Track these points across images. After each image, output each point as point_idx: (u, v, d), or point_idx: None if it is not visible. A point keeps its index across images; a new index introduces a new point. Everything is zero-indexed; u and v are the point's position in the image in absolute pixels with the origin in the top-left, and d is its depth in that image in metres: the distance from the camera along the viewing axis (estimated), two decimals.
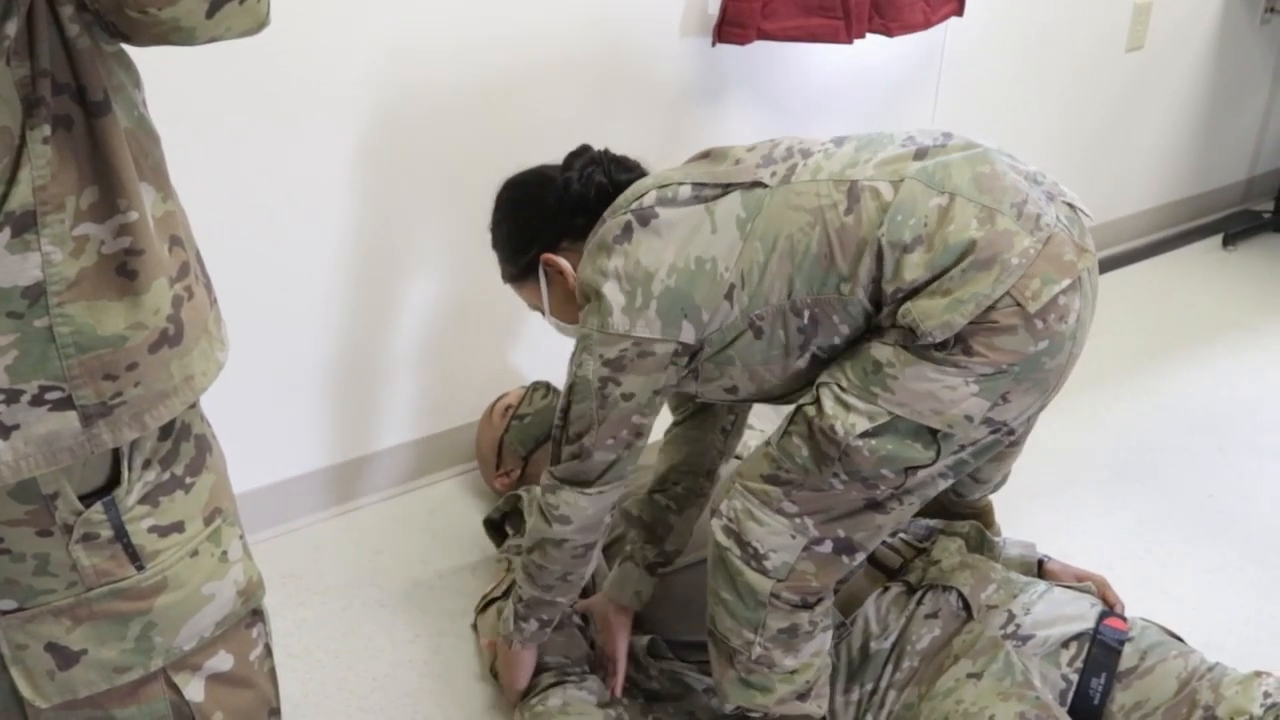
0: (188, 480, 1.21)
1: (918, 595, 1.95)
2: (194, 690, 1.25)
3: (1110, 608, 1.96)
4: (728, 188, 1.67)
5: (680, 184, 1.68)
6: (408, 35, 2.26)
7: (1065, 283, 1.54)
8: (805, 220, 1.61)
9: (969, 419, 1.58)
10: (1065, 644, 1.85)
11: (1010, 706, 1.70)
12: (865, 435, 1.58)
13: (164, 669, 1.22)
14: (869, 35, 2.72)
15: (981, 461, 1.74)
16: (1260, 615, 2.24)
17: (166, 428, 1.18)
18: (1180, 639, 1.89)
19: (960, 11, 2.89)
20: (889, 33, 2.75)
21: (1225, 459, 2.73)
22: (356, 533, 2.52)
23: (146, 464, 1.16)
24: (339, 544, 2.48)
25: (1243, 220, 4.08)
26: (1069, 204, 1.64)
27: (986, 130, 3.23)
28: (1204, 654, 1.85)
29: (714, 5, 2.58)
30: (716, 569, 1.72)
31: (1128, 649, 1.84)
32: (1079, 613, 1.89)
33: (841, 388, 1.61)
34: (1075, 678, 1.82)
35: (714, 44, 2.59)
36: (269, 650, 1.36)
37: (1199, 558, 2.40)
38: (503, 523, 2.39)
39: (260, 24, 1.07)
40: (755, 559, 1.67)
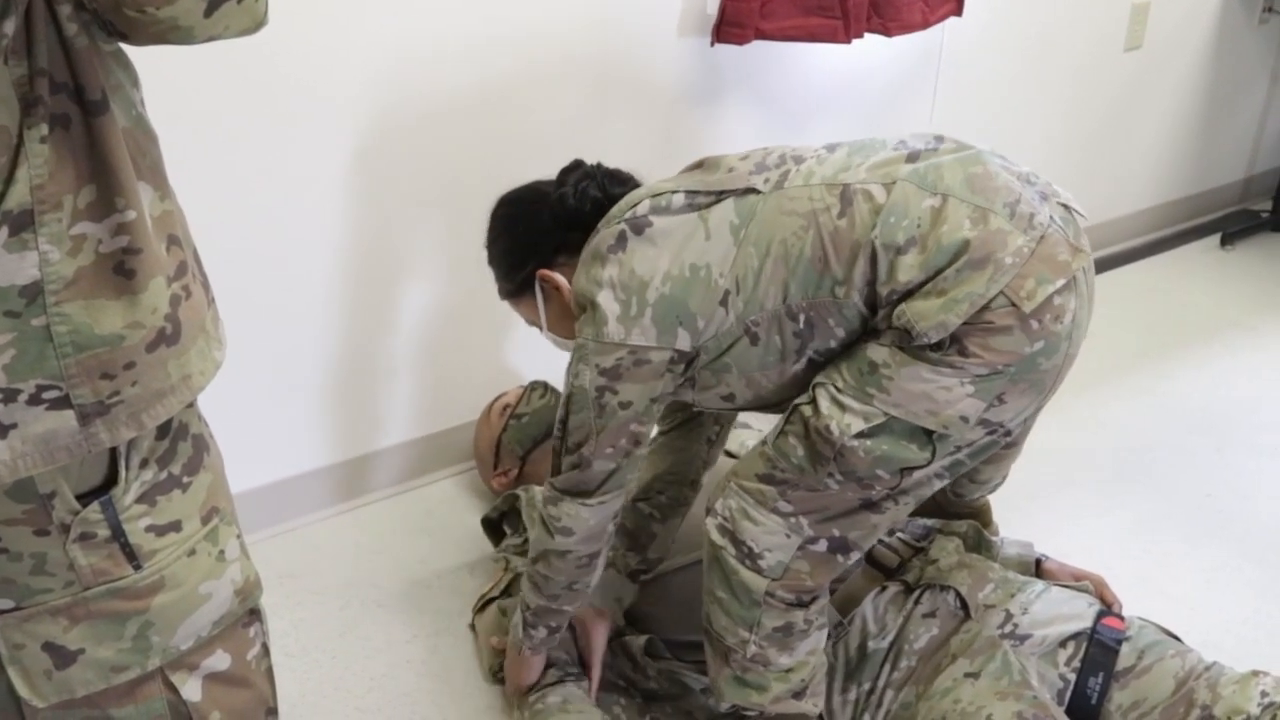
0: (185, 479, 1.21)
1: (915, 595, 1.95)
2: (191, 690, 1.25)
3: (1108, 607, 1.96)
4: (721, 195, 1.67)
5: (674, 192, 1.68)
6: (406, 36, 2.26)
7: (1060, 282, 1.54)
8: (799, 224, 1.61)
9: (964, 420, 1.58)
10: (1063, 643, 1.85)
11: (1008, 706, 1.70)
12: (860, 436, 1.58)
13: (161, 668, 1.22)
14: (867, 35, 2.72)
15: (978, 462, 1.74)
16: (1258, 615, 2.24)
17: (164, 427, 1.18)
18: (1178, 638, 1.89)
19: (959, 11, 2.89)
20: (887, 32, 2.75)
21: (1223, 458, 2.73)
22: (354, 532, 2.52)
23: (144, 463, 1.16)
24: (337, 544, 2.48)
25: (1241, 220, 4.08)
26: (1063, 204, 1.64)
27: (985, 130, 3.25)
28: (1201, 653, 1.85)
29: (713, 5, 2.57)
30: (711, 568, 1.72)
31: (1125, 648, 1.84)
32: (1076, 612, 1.89)
33: (837, 388, 1.60)
34: (1073, 677, 1.82)
35: (713, 44, 2.59)
36: (266, 650, 1.35)
37: (1197, 557, 2.40)
38: (500, 522, 2.39)
39: (258, 23, 1.07)
40: (750, 558, 1.67)
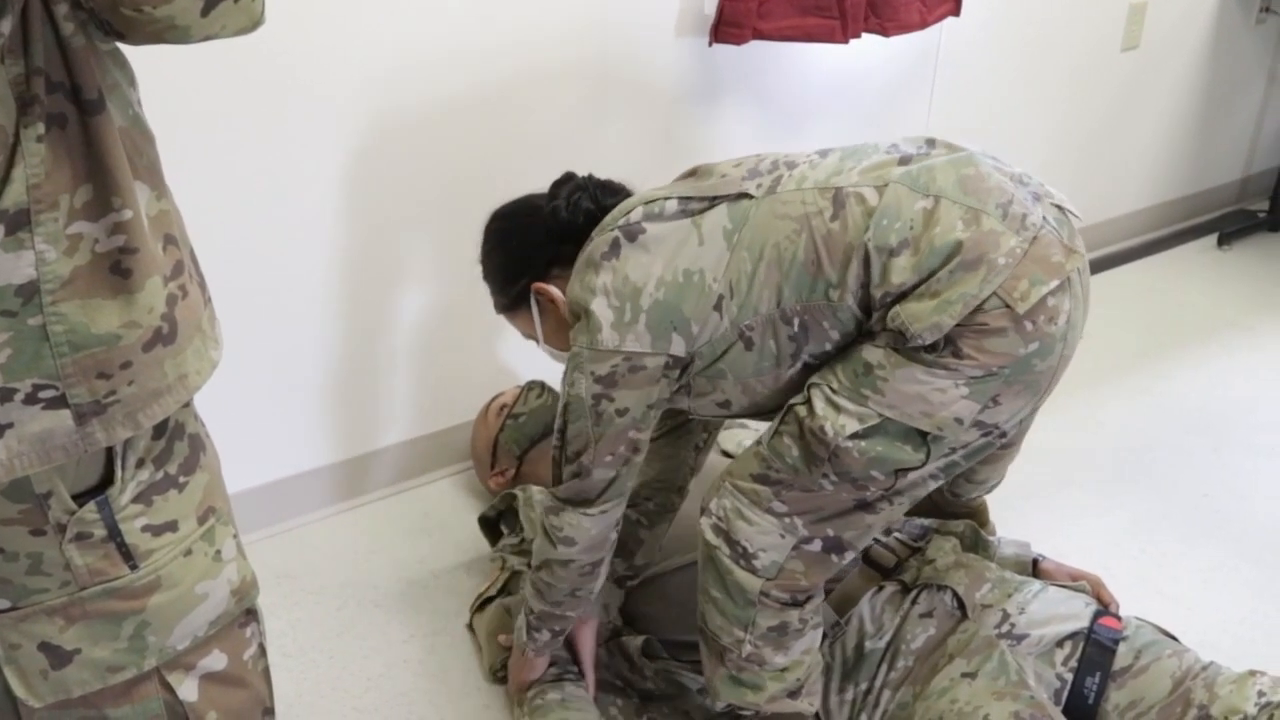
0: (181, 479, 1.21)
1: (913, 594, 1.95)
2: (187, 690, 1.25)
3: (1105, 607, 1.96)
4: (714, 200, 1.67)
5: (666, 199, 1.69)
6: (405, 36, 2.26)
7: (1054, 283, 1.54)
8: (791, 228, 1.61)
9: (959, 421, 1.58)
10: (1060, 643, 1.85)
11: (1005, 706, 1.70)
12: (855, 437, 1.58)
13: (157, 668, 1.22)
14: (865, 35, 2.72)
15: (973, 463, 1.75)
16: (1255, 614, 2.25)
17: (160, 427, 1.17)
18: (1175, 638, 1.89)
19: (957, 11, 2.89)
20: (885, 32, 2.75)
21: (1220, 458, 2.73)
22: (351, 532, 2.52)
23: (140, 463, 1.16)
24: (334, 544, 2.48)
25: (1238, 220, 4.08)
26: (1057, 205, 1.64)
27: (982, 130, 3.26)
28: (1198, 653, 1.85)
29: (710, 5, 2.58)
30: (706, 567, 1.72)
31: (1122, 648, 1.84)
32: (1073, 612, 1.89)
33: (832, 389, 1.61)
34: (1070, 677, 1.82)
35: (711, 44, 2.59)
36: (263, 650, 1.35)
37: (1194, 557, 2.40)
38: (498, 521, 2.39)
39: (255, 23, 1.07)
40: (744, 558, 1.67)
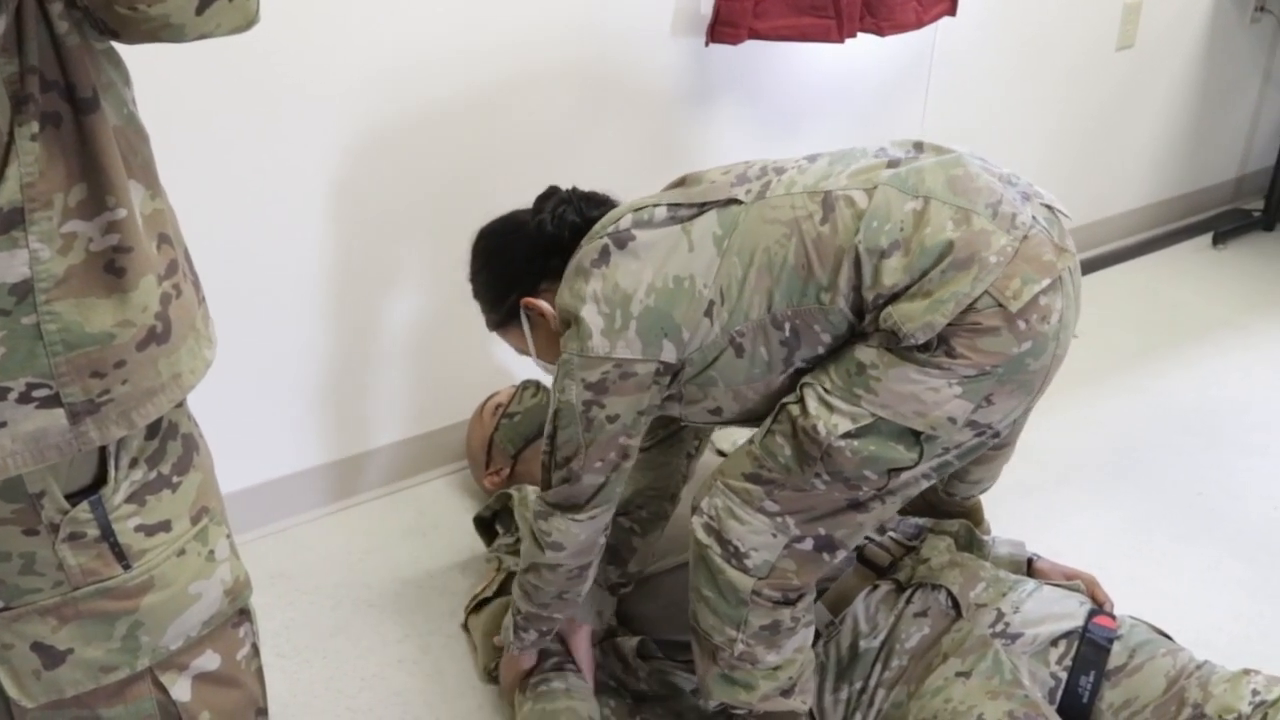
0: (175, 479, 1.20)
1: (907, 594, 1.95)
2: (181, 690, 1.25)
3: (1099, 606, 1.96)
4: (703, 207, 1.67)
5: (655, 206, 1.68)
6: (401, 36, 2.26)
7: (1045, 282, 1.55)
8: (781, 233, 1.61)
9: (952, 421, 1.58)
10: (1054, 642, 1.85)
11: (999, 705, 1.70)
12: (848, 436, 1.58)
13: (151, 668, 1.22)
14: (861, 35, 2.72)
15: (966, 463, 1.75)
16: (1249, 613, 2.25)
17: (154, 426, 1.17)
18: (1169, 637, 1.89)
19: (953, 11, 2.89)
20: (880, 32, 2.75)
21: (1214, 457, 2.74)
22: (346, 532, 2.51)
23: (133, 463, 1.16)
24: (328, 543, 2.48)
25: (1233, 219, 4.09)
26: (1046, 205, 1.64)
27: (977, 129, 3.26)
28: (1193, 652, 1.85)
29: (706, 5, 2.57)
30: (697, 566, 1.72)
31: (1116, 647, 1.84)
32: (1068, 611, 1.89)
33: (825, 389, 1.60)
34: (1064, 676, 1.82)
35: (708, 44, 2.59)
36: (256, 650, 1.35)
37: (1188, 556, 2.41)
38: (493, 521, 2.38)
39: (250, 22, 1.07)
40: (736, 557, 1.67)
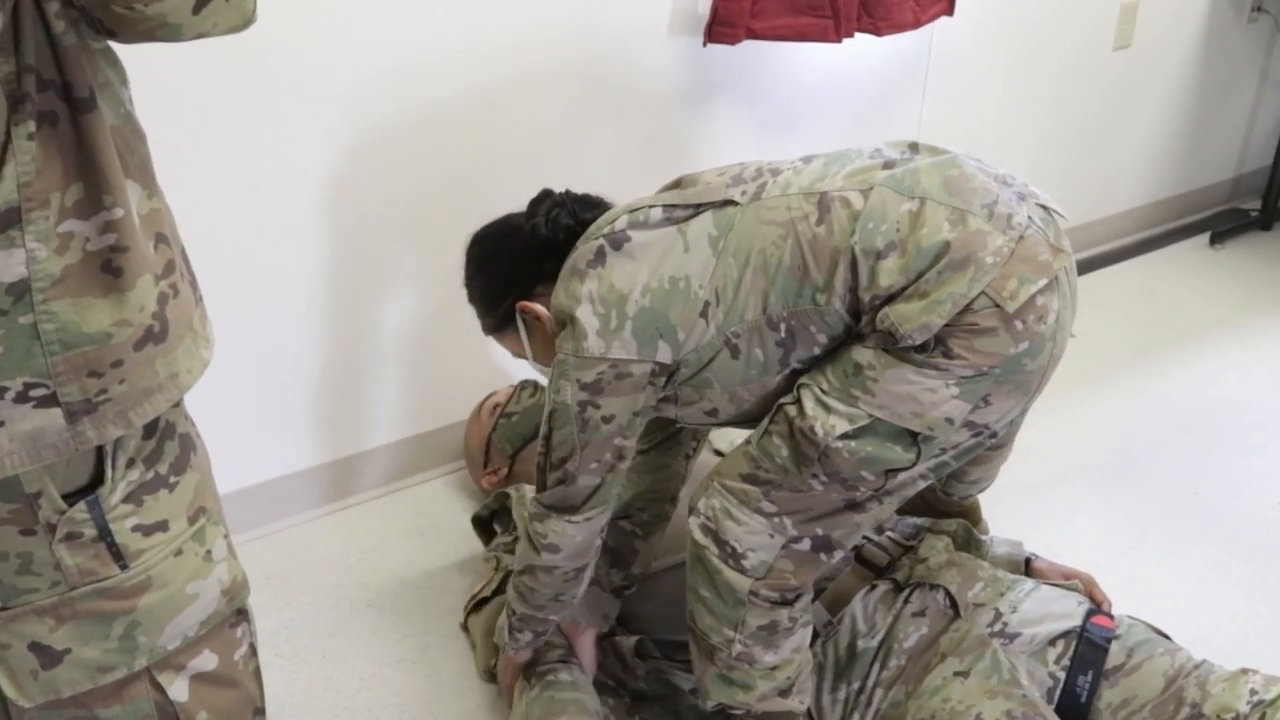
0: (172, 479, 1.20)
1: (905, 593, 1.95)
2: (178, 690, 1.24)
3: (1097, 605, 1.96)
4: (699, 208, 1.67)
5: (651, 207, 1.68)
6: (399, 35, 2.25)
7: (1042, 282, 1.54)
8: (777, 234, 1.61)
9: (950, 421, 1.58)
10: (1052, 642, 1.85)
11: (997, 705, 1.70)
12: (845, 437, 1.58)
13: (148, 668, 1.22)
14: (858, 35, 2.72)
15: (963, 463, 1.75)
16: (1247, 612, 2.25)
17: (150, 426, 1.17)
18: (1167, 636, 1.89)
19: (951, 11, 2.89)
20: (878, 32, 2.75)
21: (1212, 457, 2.74)
22: (344, 532, 2.51)
23: (130, 463, 1.16)
24: (326, 544, 2.48)
25: (1230, 218, 4.09)
26: (1042, 205, 1.64)
27: (975, 129, 3.26)
28: (1191, 651, 1.85)
29: (704, 5, 2.58)
30: (694, 567, 1.72)
31: (1114, 647, 1.84)
32: (1066, 610, 1.89)
33: (822, 389, 1.60)
34: (1062, 675, 1.82)
35: (705, 44, 2.59)
36: (254, 650, 1.35)
37: (1186, 555, 2.41)
38: (491, 520, 2.38)
39: (247, 21, 1.07)
40: (733, 558, 1.67)
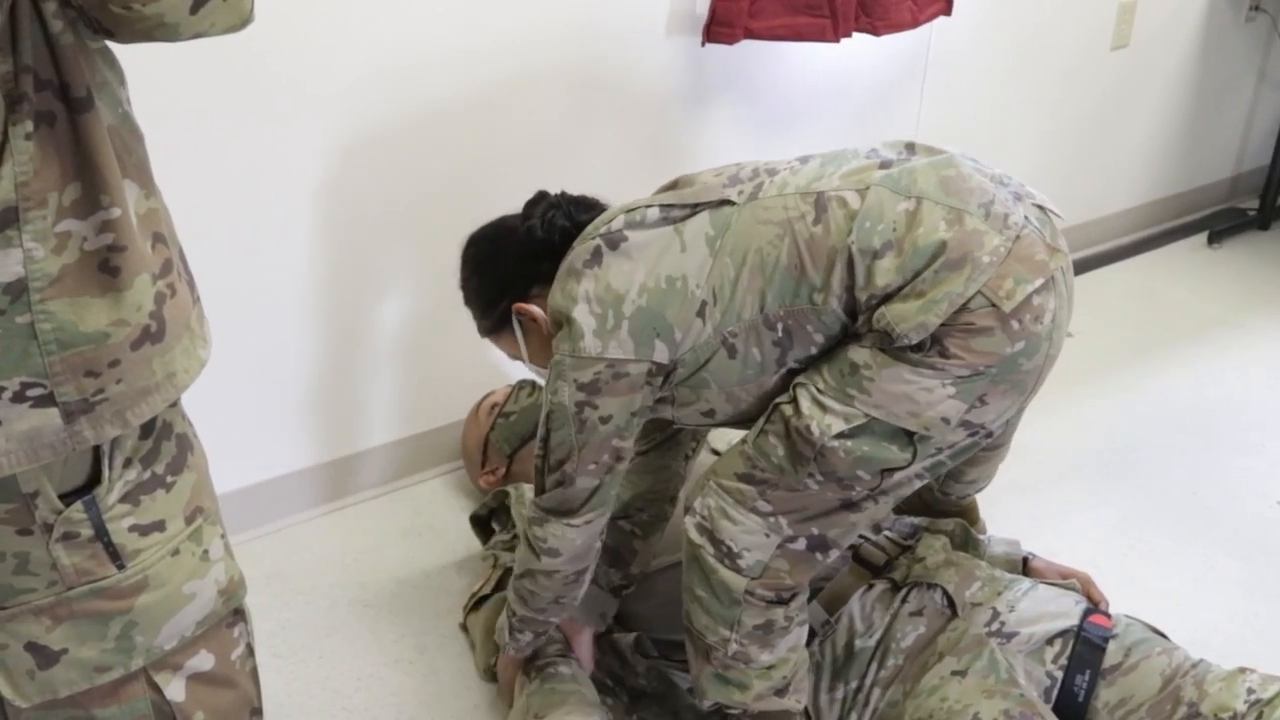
0: (169, 479, 1.20)
1: (902, 593, 1.95)
2: (175, 690, 1.24)
3: (1095, 605, 1.96)
4: (696, 208, 1.67)
5: (648, 207, 1.68)
6: (397, 35, 2.25)
7: (1038, 282, 1.55)
8: (774, 233, 1.61)
9: (946, 421, 1.58)
10: (1050, 641, 1.85)
11: (994, 704, 1.70)
12: (841, 436, 1.58)
13: (145, 668, 1.22)
14: (856, 34, 2.72)
15: (959, 463, 1.75)
16: (1244, 612, 2.25)
17: (148, 426, 1.17)
18: (1164, 636, 1.90)
19: (948, 11, 2.89)
20: (876, 32, 2.75)
21: (1210, 456, 2.74)
22: (342, 532, 2.51)
23: (127, 463, 1.16)
24: (324, 544, 2.47)
25: (1228, 218, 4.09)
26: (1038, 205, 1.64)
27: (972, 129, 3.26)
28: (1188, 651, 1.85)
29: (702, 6, 2.58)
30: (690, 566, 1.72)
31: (1112, 646, 1.84)
32: (1063, 610, 1.89)
33: (819, 389, 1.60)
34: (1060, 675, 1.82)
35: (703, 44, 2.59)
36: (251, 650, 1.35)
37: (1184, 555, 2.41)
38: (489, 519, 2.38)
39: (244, 21, 1.06)
40: (729, 557, 1.67)
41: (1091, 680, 1.81)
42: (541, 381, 1.84)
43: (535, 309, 1.79)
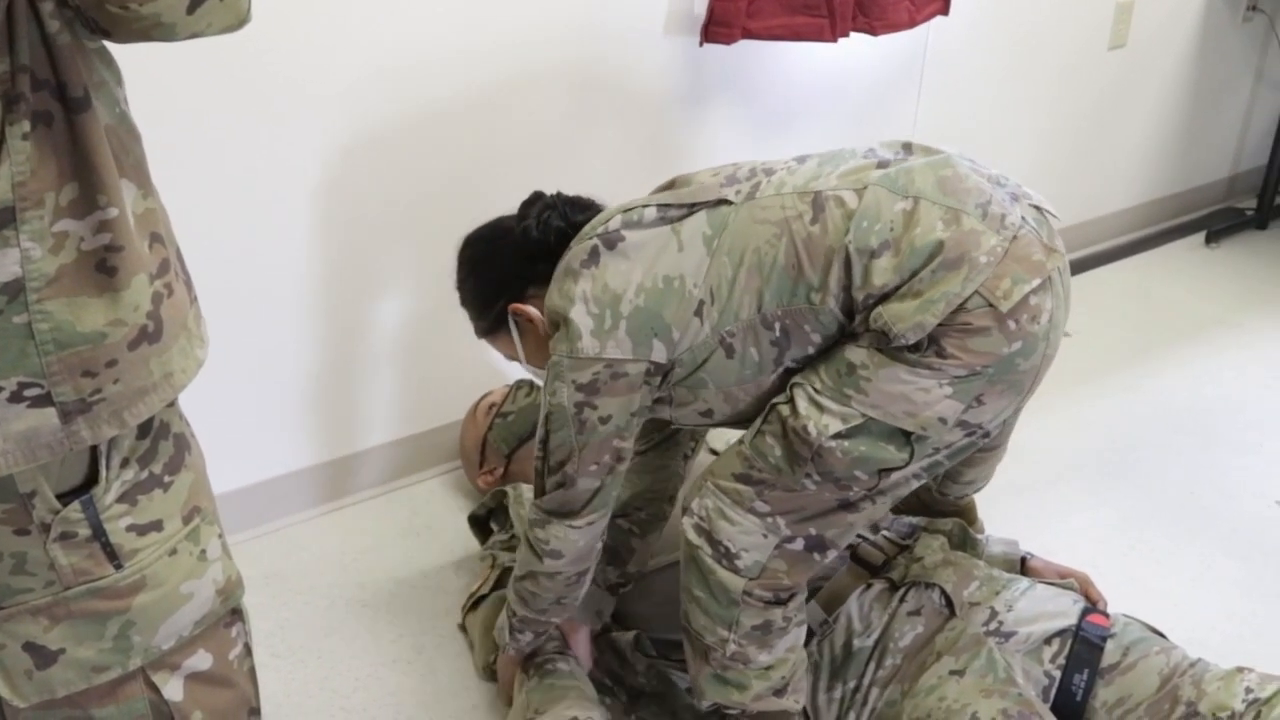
0: (166, 479, 1.20)
1: (900, 592, 1.95)
2: (173, 689, 1.24)
3: (1093, 604, 1.96)
4: (693, 207, 1.67)
5: (645, 206, 1.68)
6: (393, 36, 2.25)
7: (1035, 282, 1.55)
8: (771, 233, 1.61)
9: (943, 421, 1.58)
10: (1048, 640, 1.85)
11: (992, 703, 1.70)
12: (838, 436, 1.58)
13: (143, 668, 1.22)
14: (853, 34, 2.72)
15: (956, 463, 1.75)
16: (1242, 611, 2.25)
17: (145, 426, 1.17)
18: (1163, 635, 1.89)
19: (946, 10, 2.90)
20: (873, 31, 2.75)
21: (1208, 456, 2.74)
22: (340, 532, 2.51)
23: (125, 462, 1.16)
24: (322, 544, 2.47)
25: (1225, 217, 4.09)
26: (1035, 205, 1.64)
27: (970, 129, 3.26)
28: (1186, 650, 1.85)
29: (700, 5, 2.58)
30: (688, 567, 1.72)
31: (1110, 645, 1.84)
32: (1061, 609, 1.89)
33: (815, 389, 1.60)
34: (1058, 674, 1.82)
35: (701, 44, 2.60)
36: (249, 649, 1.35)
37: (1182, 554, 2.41)
38: (487, 519, 2.38)
39: (241, 20, 1.06)
40: (726, 558, 1.67)
41: (1089, 679, 1.81)
42: (538, 382, 1.84)
43: (531, 310, 1.78)
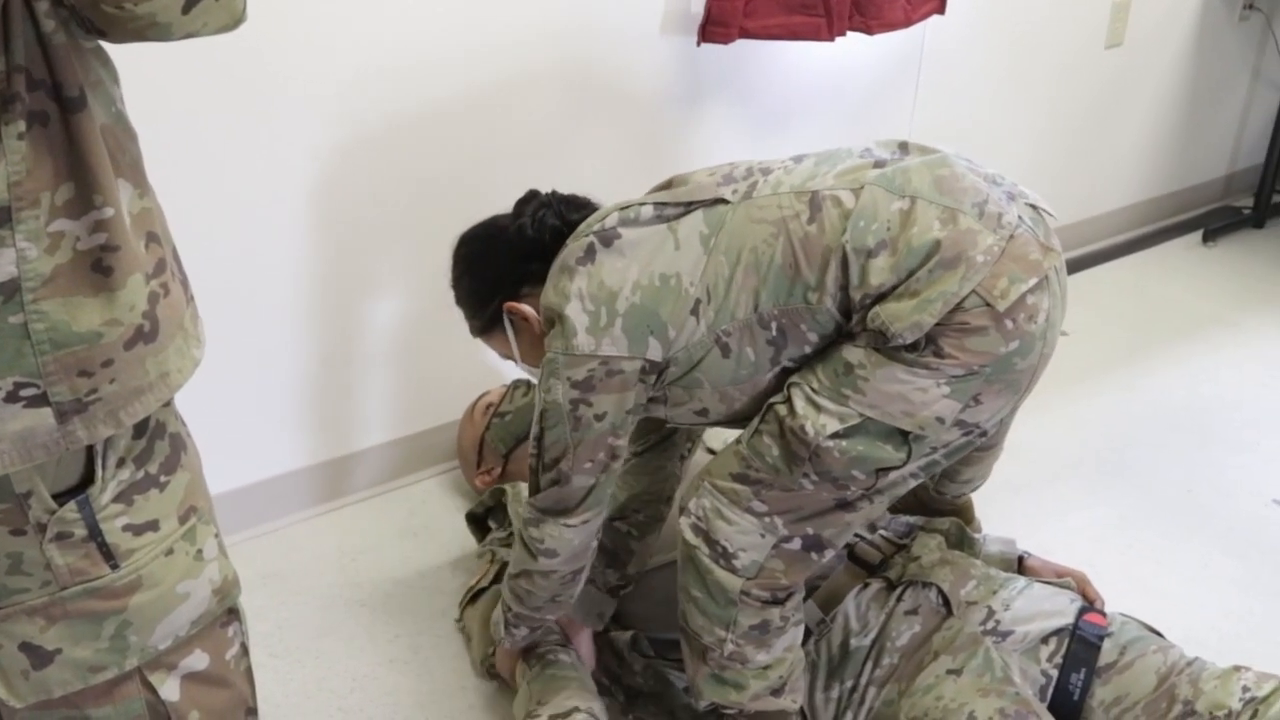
0: (162, 479, 1.20)
1: (898, 592, 1.95)
2: (169, 689, 1.24)
3: (1090, 603, 1.96)
4: (690, 206, 1.67)
5: (642, 205, 1.68)
6: (389, 36, 2.25)
7: (1032, 281, 1.55)
8: (768, 232, 1.61)
9: (940, 421, 1.58)
10: (1045, 639, 1.85)
11: (990, 703, 1.70)
12: (836, 436, 1.58)
13: (139, 668, 1.21)
14: (850, 33, 2.72)
15: (953, 462, 1.75)
16: (1239, 610, 2.25)
17: (141, 426, 1.17)
18: (1160, 634, 1.90)
19: (942, 9, 2.90)
20: (870, 30, 2.75)
21: (1205, 454, 2.74)
22: (337, 533, 2.51)
23: (121, 462, 1.16)
24: (319, 544, 2.47)
25: (1223, 216, 4.10)
26: (1031, 204, 1.64)
27: (967, 128, 3.27)
28: (1183, 649, 1.85)
29: (697, 5, 2.58)
30: (686, 567, 1.72)
31: (1107, 644, 1.84)
32: (1058, 608, 1.89)
33: (813, 389, 1.60)
34: (1055, 673, 1.82)
35: (699, 43, 2.60)
36: (245, 649, 1.35)
37: (1179, 553, 2.41)
38: (485, 518, 2.38)
39: (236, 20, 1.06)
40: (724, 557, 1.67)
41: (1087, 679, 1.81)
42: (534, 381, 1.84)
43: (526, 308, 1.78)
